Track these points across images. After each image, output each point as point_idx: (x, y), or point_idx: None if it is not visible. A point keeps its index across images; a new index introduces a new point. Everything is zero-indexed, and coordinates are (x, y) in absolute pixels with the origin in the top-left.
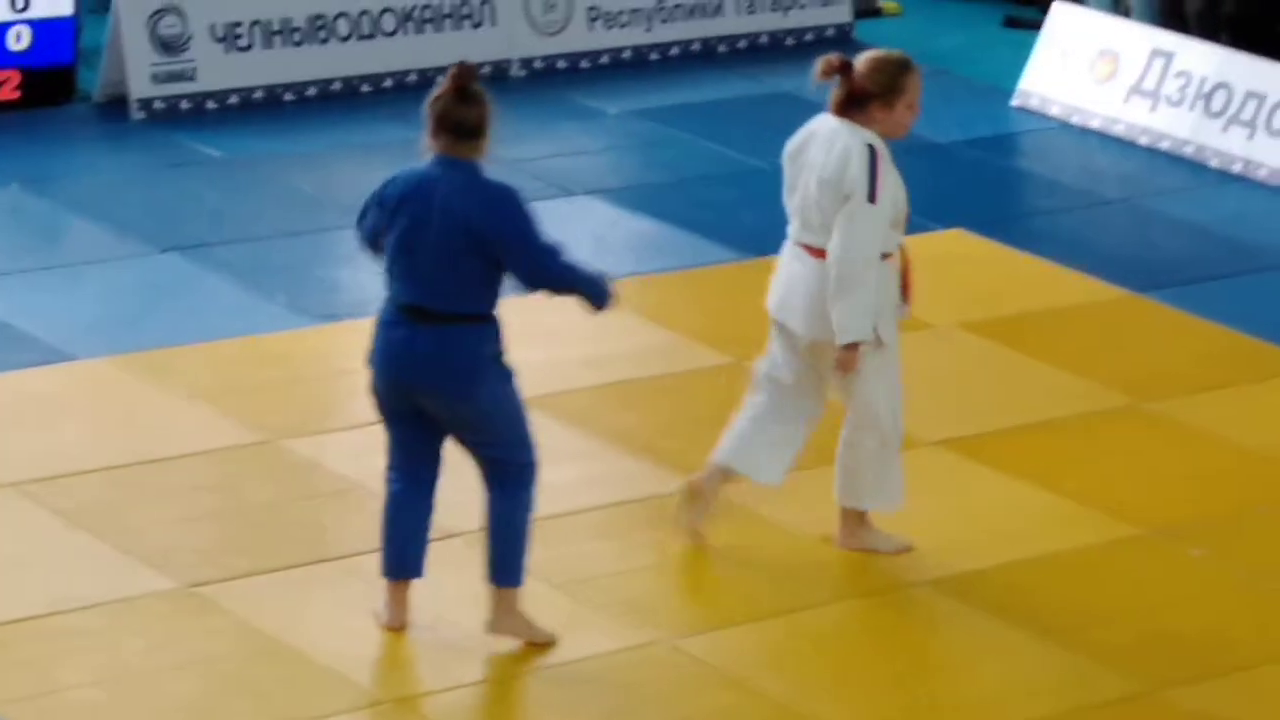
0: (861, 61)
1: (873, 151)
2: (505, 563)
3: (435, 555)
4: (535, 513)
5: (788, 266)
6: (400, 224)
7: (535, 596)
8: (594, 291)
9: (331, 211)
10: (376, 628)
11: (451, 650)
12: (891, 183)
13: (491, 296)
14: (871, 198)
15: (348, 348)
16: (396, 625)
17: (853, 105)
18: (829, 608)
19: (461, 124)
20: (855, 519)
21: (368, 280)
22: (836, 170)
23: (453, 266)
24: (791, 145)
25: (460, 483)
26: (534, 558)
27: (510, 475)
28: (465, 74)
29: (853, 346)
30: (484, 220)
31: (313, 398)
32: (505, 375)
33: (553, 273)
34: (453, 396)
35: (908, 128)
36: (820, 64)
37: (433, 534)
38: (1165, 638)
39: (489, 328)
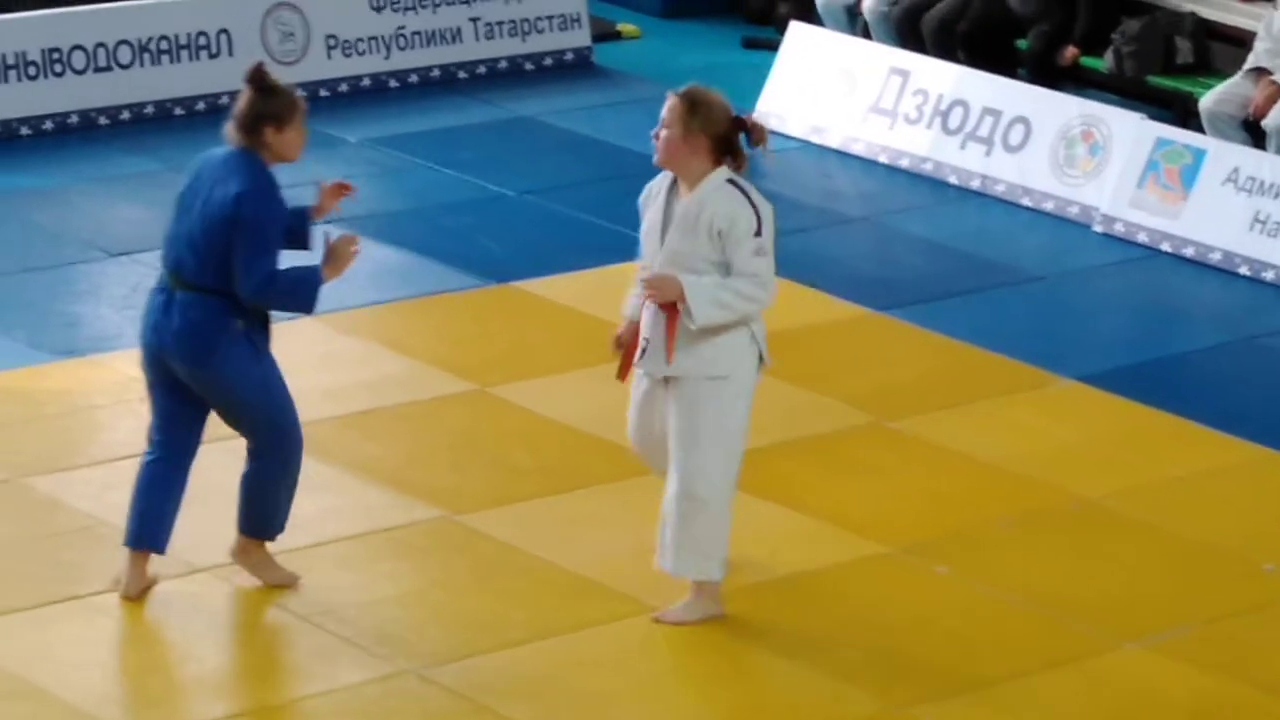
0: None
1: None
2: (247, 515)
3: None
4: (288, 478)
5: None
6: (182, 185)
7: (281, 628)
8: (302, 298)
9: (71, 246)
10: (118, 666)
11: (200, 686)
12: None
13: None
14: None
15: (89, 384)
16: (132, 594)
17: None
18: (576, 634)
19: (237, 117)
20: None
21: (108, 315)
22: None
23: (207, 237)
24: None
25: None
26: (279, 592)
27: (261, 447)
28: (254, 73)
29: None
30: (233, 198)
31: (54, 434)
32: (249, 353)
33: (260, 272)
34: (191, 362)
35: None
36: None
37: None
38: (911, 656)
39: (237, 304)
